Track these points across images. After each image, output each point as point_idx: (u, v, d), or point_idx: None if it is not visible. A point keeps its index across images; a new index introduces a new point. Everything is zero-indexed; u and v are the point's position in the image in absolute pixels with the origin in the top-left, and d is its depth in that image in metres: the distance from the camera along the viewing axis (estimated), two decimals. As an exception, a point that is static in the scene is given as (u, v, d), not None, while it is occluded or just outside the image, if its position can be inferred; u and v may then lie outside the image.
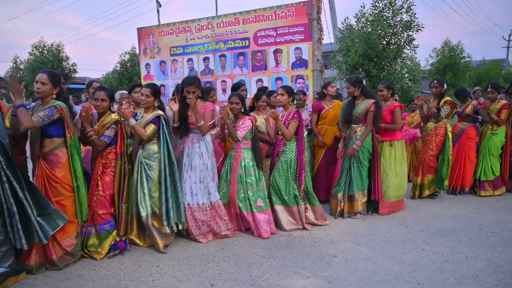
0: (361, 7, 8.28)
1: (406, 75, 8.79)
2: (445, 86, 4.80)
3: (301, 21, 7.99)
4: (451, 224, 4.01)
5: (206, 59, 9.02)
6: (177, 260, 3.24)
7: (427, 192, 5.02)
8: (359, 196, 4.25)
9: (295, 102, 4.05)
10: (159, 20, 9.95)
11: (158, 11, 10.09)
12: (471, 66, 18.35)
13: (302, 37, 8.02)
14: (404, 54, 8.39)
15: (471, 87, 5.50)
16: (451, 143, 4.89)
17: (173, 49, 9.26)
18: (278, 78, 8.29)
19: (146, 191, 3.39)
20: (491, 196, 5.09)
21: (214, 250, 3.44)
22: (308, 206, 4.01)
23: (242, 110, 3.85)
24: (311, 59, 7.96)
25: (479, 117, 5.19)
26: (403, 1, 7.82)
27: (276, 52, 8.29)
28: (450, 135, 4.88)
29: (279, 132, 3.94)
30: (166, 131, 3.46)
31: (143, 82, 9.83)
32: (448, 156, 4.85)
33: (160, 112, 3.51)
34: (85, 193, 3.19)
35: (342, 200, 4.28)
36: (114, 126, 3.34)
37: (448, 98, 4.91)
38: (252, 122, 3.81)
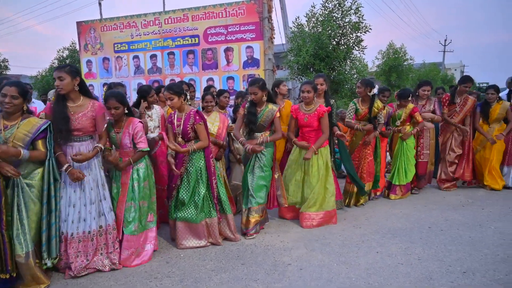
0: (312, 7, 8.31)
1: (355, 75, 8.95)
2: (375, 91, 4.60)
3: (252, 20, 7.83)
4: (402, 223, 4.02)
5: (153, 56, 8.56)
6: (114, 280, 2.88)
7: (361, 201, 4.75)
8: (258, 210, 3.72)
9: (188, 100, 3.52)
10: (101, 14, 9.29)
11: (100, 4, 9.42)
12: (414, 68, 19.42)
13: (254, 36, 7.87)
14: (353, 55, 8.54)
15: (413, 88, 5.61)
16: (381, 144, 4.81)
17: (117, 46, 8.68)
18: (229, 77, 8.07)
19: (25, 221, 2.64)
20: (400, 199, 4.99)
21: (158, 265, 3.12)
22: (222, 215, 3.56)
23: (126, 112, 3.18)
24: (263, 58, 7.84)
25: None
26: (351, 3, 7.94)
27: (227, 50, 8.06)
28: (378, 137, 4.75)
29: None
30: (52, 140, 2.81)
31: (85, 81, 9.13)
32: (379, 158, 4.77)
33: (37, 119, 2.80)
34: None
35: (248, 213, 3.79)
36: None
37: (381, 104, 4.64)
38: (143, 125, 3.24)
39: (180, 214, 3.38)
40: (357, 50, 8.39)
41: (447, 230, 3.78)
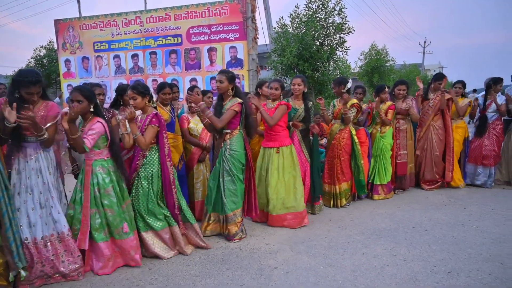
0: (295, 7, 8.30)
1: (339, 76, 9.01)
2: (349, 85, 4.58)
3: (235, 19, 7.76)
4: (387, 224, 4.04)
5: (134, 56, 8.38)
6: (94, 288, 2.77)
7: (343, 201, 4.69)
8: (234, 216, 3.59)
9: (153, 102, 3.37)
10: (80, 12, 9.04)
11: (78, 2, 9.16)
12: (395, 69, 19.73)
13: (237, 36, 7.80)
14: (336, 56, 8.58)
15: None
16: (359, 147, 4.70)
17: (97, 45, 8.45)
18: (213, 78, 7.97)
19: None
20: (384, 199, 4.99)
21: (140, 272, 3.02)
22: (187, 225, 3.38)
23: (91, 110, 2.94)
24: (247, 58, 7.78)
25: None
26: (335, 4, 7.97)
27: (210, 50, 7.97)
28: (356, 138, 4.66)
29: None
30: None
31: (63, 81, 8.88)
32: (361, 161, 4.69)
33: None
34: None
35: (218, 221, 3.70)
36: None
37: (355, 101, 4.65)
38: (104, 126, 2.94)
39: (141, 224, 3.17)
40: (340, 51, 8.44)
41: (430, 230, 3.81)
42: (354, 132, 4.69)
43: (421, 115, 5.42)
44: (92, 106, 2.92)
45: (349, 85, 4.58)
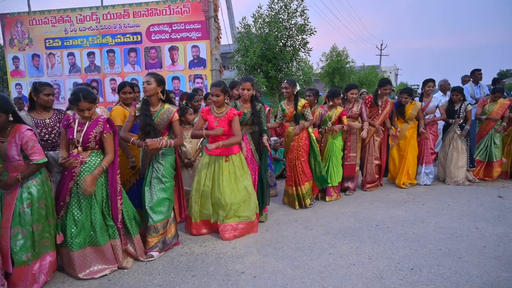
0: (258, 7, 8.28)
1: (301, 77, 9.10)
2: (298, 87, 4.53)
3: (197, 18, 7.62)
4: (352, 223, 4.09)
5: (91, 54, 7.97)
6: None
7: (308, 201, 4.67)
8: (159, 227, 3.29)
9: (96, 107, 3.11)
10: (29, 6, 8.47)
11: (27, -5, 8.56)
12: (355, 71, 20.34)
13: (199, 35, 7.66)
14: (299, 57, 8.66)
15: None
16: (317, 145, 4.67)
17: (49, 41, 7.95)
18: (175, 77, 7.77)
19: None
20: (335, 200, 5.02)
21: (99, 284, 2.83)
22: (128, 237, 3.15)
23: (11, 119, 2.63)
24: (209, 58, 7.66)
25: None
26: (297, 5, 8.04)
27: (171, 49, 7.76)
28: (313, 136, 4.64)
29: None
30: None
31: (11, 79, 8.27)
32: (319, 158, 4.65)
33: None
34: None
35: (146, 233, 3.34)
36: None
37: (304, 101, 4.57)
38: (34, 132, 2.70)
39: (78, 240, 2.84)
40: (303, 52, 8.52)
41: (393, 227, 3.90)
42: (311, 130, 4.65)
43: (371, 120, 5.47)
44: (10, 115, 2.61)
45: (297, 87, 4.55)
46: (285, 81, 4.53)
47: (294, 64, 8.56)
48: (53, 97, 3.26)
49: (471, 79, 7.15)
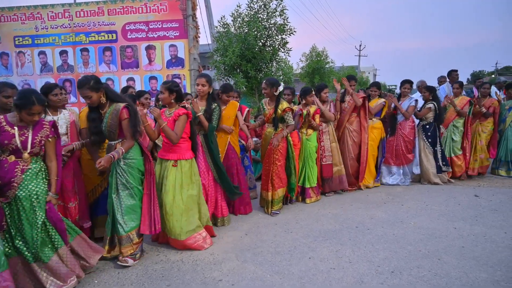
0: (237, 6, 8.17)
1: (281, 77, 9.04)
2: (280, 87, 4.36)
3: (175, 17, 7.45)
4: (332, 225, 4.04)
5: (63, 52, 7.66)
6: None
7: (275, 207, 4.49)
8: (132, 236, 3.08)
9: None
10: (-4, 2, 8.05)
11: (-5, -9, 8.15)
12: (334, 71, 20.51)
13: (177, 34, 7.49)
14: (279, 57, 8.60)
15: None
16: (293, 149, 4.51)
17: (19, 39, 7.60)
18: (152, 77, 7.57)
19: None
20: (316, 202, 4.94)
21: (66, 296, 2.66)
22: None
23: None
24: (188, 57, 7.51)
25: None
26: (276, 5, 7.98)
27: (148, 48, 7.55)
28: (291, 140, 4.47)
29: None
30: None
31: (-22, 79, 7.86)
32: (294, 163, 4.53)
33: None
34: None
35: (108, 244, 3.15)
36: None
37: (286, 104, 4.36)
38: None
39: (26, 254, 2.56)
40: (282, 52, 8.46)
41: (373, 229, 3.88)
42: (288, 134, 4.46)
43: (339, 117, 5.48)
44: None
45: (280, 88, 4.37)
46: (264, 82, 4.42)
47: (274, 64, 8.50)
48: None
49: (448, 80, 7.27)
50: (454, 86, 6.10)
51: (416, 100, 5.79)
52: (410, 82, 5.86)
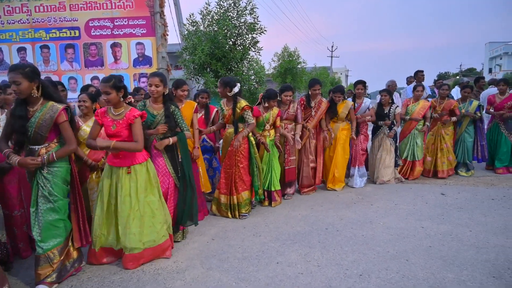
0: (206, 4, 7.99)
1: (253, 77, 8.93)
2: (236, 89, 4.15)
3: (142, 14, 7.19)
4: (301, 227, 3.97)
5: (21, 49, 7.24)
6: None
7: (242, 211, 4.30)
8: (52, 255, 2.70)
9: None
10: None
11: None
12: (306, 71, 20.63)
13: (144, 31, 7.23)
14: (250, 56, 8.49)
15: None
16: (256, 150, 4.38)
17: (-29, 35, 7.11)
18: (117, 76, 7.28)
19: None
20: (279, 205, 4.80)
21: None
22: None
23: None
24: (156, 56, 7.27)
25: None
26: (246, 3, 7.86)
27: (114, 46, 7.26)
28: (253, 140, 4.35)
29: None
30: None
31: None
32: (257, 165, 4.38)
33: None
34: None
35: (35, 264, 2.72)
36: None
37: (244, 103, 4.21)
38: None
39: None
40: (253, 51, 8.36)
41: (342, 230, 3.83)
42: (250, 134, 4.31)
43: (305, 122, 5.33)
44: None
45: (236, 89, 4.14)
46: (218, 81, 4.21)
47: (245, 63, 8.37)
48: None
49: (415, 80, 7.41)
50: (418, 89, 6.14)
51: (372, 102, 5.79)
52: (363, 83, 5.86)
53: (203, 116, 4.94)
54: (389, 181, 5.79)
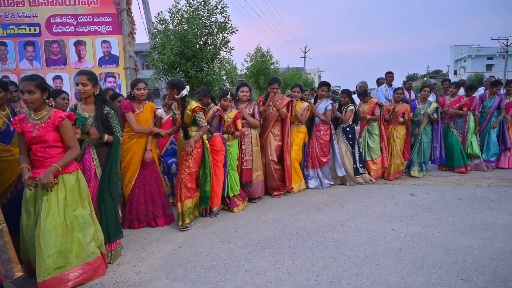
0: (175, 2, 7.76)
1: (224, 77, 8.77)
2: (185, 92, 3.96)
3: (107, 11, 6.89)
4: (272, 231, 3.87)
5: (-25, 46, 6.77)
6: None
7: (186, 221, 3.99)
8: None
9: None
10: None
11: None
12: (279, 72, 20.68)
13: (110, 29, 6.93)
14: (221, 56, 8.33)
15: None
16: (210, 154, 4.19)
17: None
18: (82, 76, 6.94)
19: None
20: (243, 210, 4.66)
21: None
22: None
23: None
24: (123, 55, 6.99)
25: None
26: (217, 2, 7.69)
27: (78, 44, 6.91)
28: (207, 144, 4.16)
29: None
30: None
31: None
32: (210, 170, 4.17)
33: None
34: None
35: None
36: None
37: (195, 104, 4.02)
38: None
39: None
40: (224, 51, 8.20)
41: (313, 234, 3.76)
42: (205, 137, 4.13)
43: (263, 123, 5.28)
44: None
45: (184, 92, 3.95)
46: (166, 83, 4.02)
47: (216, 63, 8.21)
48: None
49: (385, 81, 7.51)
50: (398, 92, 6.21)
51: (332, 103, 5.73)
52: (327, 85, 5.88)
53: (170, 118, 4.76)
54: (356, 183, 5.81)
